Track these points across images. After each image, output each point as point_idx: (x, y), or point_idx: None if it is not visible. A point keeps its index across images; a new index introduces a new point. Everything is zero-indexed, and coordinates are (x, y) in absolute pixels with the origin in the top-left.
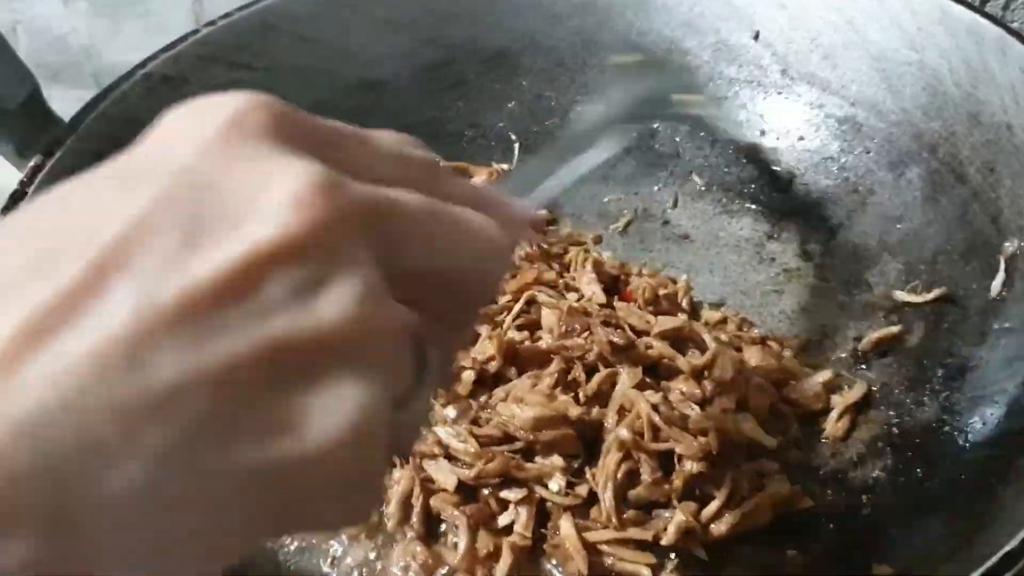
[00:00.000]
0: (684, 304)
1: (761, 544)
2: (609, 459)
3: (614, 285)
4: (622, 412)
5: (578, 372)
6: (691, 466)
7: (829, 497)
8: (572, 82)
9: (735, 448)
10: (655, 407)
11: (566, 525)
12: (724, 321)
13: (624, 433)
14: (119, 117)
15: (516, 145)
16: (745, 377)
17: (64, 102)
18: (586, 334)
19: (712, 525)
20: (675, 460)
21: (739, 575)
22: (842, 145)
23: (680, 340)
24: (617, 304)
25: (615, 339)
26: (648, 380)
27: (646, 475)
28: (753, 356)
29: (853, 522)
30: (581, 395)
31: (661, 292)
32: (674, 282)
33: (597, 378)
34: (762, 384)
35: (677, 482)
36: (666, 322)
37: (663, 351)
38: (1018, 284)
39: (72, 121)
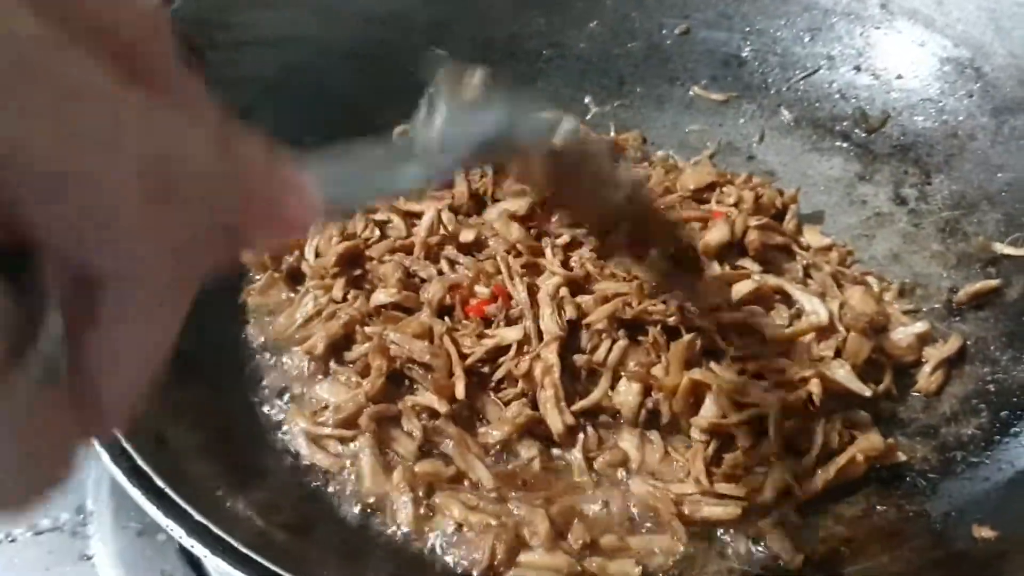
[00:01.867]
0: (791, 218)
1: (854, 499)
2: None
3: (709, 191)
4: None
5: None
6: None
7: (921, 452)
8: (660, 4)
9: (827, 397)
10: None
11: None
12: (829, 248)
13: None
14: (193, 18)
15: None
16: (844, 323)
17: None
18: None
19: (806, 481)
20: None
21: (831, 530)
22: (943, 87)
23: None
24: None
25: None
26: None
27: (742, 441)
28: (854, 296)
29: (949, 480)
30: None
31: (764, 199)
32: (781, 193)
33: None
34: (865, 329)
35: (773, 444)
36: (744, 287)
37: (748, 319)
38: None
39: None
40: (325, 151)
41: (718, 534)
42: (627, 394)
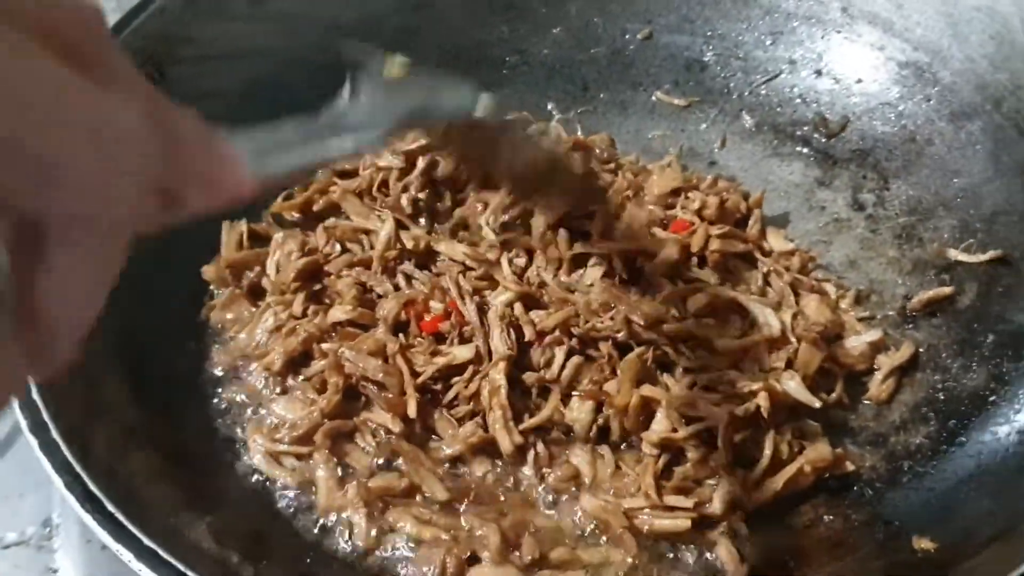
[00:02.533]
0: (754, 223)
1: (802, 509)
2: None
3: (675, 196)
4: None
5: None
6: (736, 437)
7: (869, 462)
8: (623, 10)
9: (777, 408)
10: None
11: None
12: (792, 253)
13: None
14: (156, 34)
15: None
16: (797, 334)
17: None
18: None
19: (755, 492)
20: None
21: (779, 541)
22: (901, 91)
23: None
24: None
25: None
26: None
27: (692, 454)
28: (810, 306)
29: (895, 490)
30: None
31: (729, 204)
32: (746, 197)
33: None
34: (816, 340)
35: (723, 457)
36: (699, 299)
37: (697, 331)
38: None
39: None
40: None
41: (668, 546)
42: (579, 411)
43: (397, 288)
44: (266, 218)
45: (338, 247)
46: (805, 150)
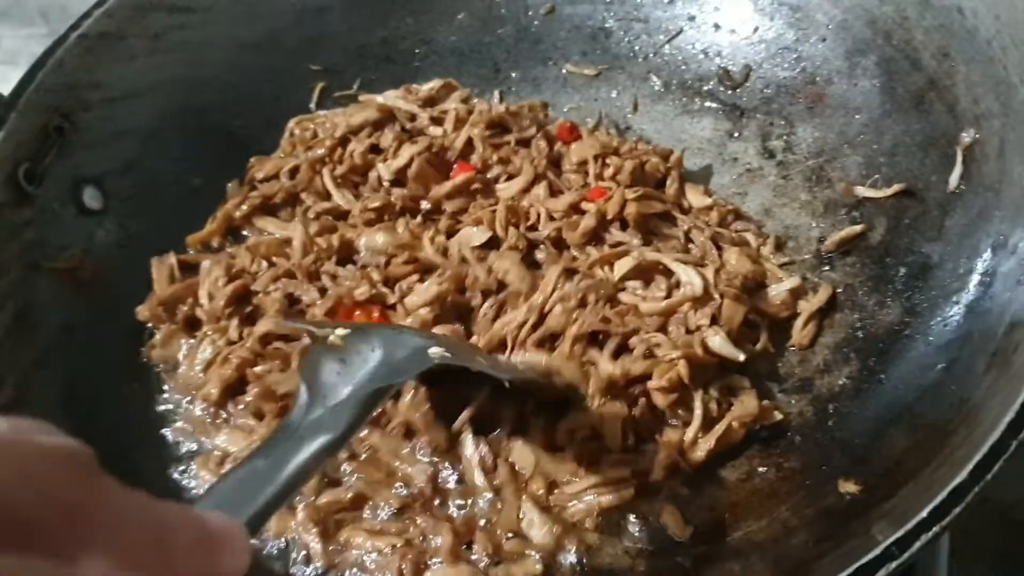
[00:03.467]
0: (672, 183)
1: (737, 462)
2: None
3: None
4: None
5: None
6: (662, 400)
7: (797, 408)
8: None
9: (703, 368)
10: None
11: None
12: (710, 208)
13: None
14: (59, 86)
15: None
16: (720, 291)
17: (14, 40)
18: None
19: (690, 454)
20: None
21: (717, 498)
22: (797, 34)
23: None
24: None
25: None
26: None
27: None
28: (732, 258)
29: (821, 435)
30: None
31: (648, 167)
32: (666, 159)
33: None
34: (738, 295)
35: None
36: (624, 264)
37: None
38: (975, 176)
39: (11, 96)
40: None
41: (615, 518)
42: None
43: (324, 291)
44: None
45: (264, 264)
46: (713, 104)
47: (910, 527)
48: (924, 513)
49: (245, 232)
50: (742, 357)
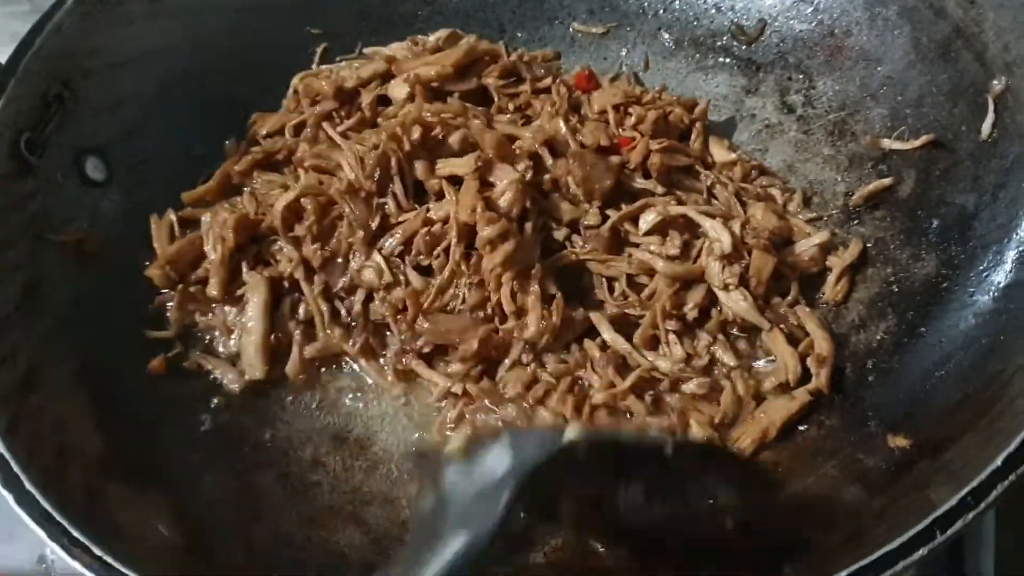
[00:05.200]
0: (697, 136)
1: None
2: None
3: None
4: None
5: None
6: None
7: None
8: None
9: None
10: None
11: None
12: (734, 164)
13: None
14: (58, 51)
15: None
16: (747, 245)
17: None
18: None
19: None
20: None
21: (762, 457)
22: None
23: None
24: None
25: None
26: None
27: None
28: (757, 213)
29: (863, 390)
30: None
31: (672, 118)
32: (690, 110)
33: None
34: (767, 246)
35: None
36: (649, 218)
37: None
38: (1008, 124)
39: (9, 62)
40: None
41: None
42: None
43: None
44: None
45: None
46: (728, 60)
47: (984, 476)
48: (999, 461)
49: (246, 188)
50: (767, 325)
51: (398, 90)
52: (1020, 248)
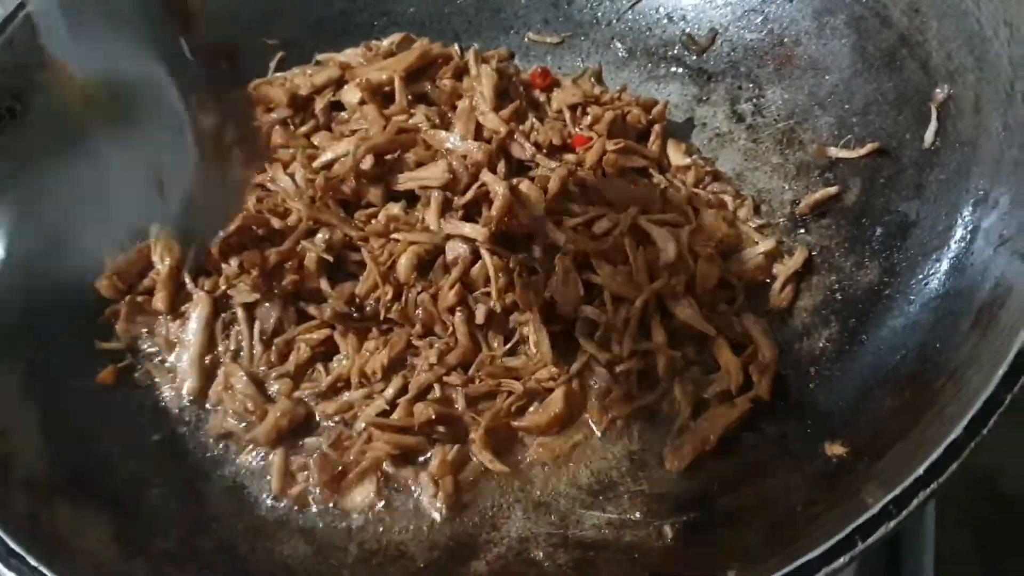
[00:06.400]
0: (655, 138)
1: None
2: None
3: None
4: None
5: None
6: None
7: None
8: None
9: (681, 336)
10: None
11: None
12: (688, 168)
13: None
14: (10, 66)
15: None
16: (694, 253)
17: None
18: None
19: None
20: None
21: (706, 467)
22: None
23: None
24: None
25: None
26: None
27: None
28: (707, 220)
29: (803, 398)
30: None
31: (630, 119)
32: (648, 111)
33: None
34: (712, 255)
35: None
36: (603, 226)
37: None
38: (951, 132)
39: None
40: None
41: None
42: None
43: None
44: None
45: None
46: (679, 70)
47: (907, 485)
48: (920, 470)
49: None
50: (713, 332)
51: (350, 95)
52: (954, 257)
